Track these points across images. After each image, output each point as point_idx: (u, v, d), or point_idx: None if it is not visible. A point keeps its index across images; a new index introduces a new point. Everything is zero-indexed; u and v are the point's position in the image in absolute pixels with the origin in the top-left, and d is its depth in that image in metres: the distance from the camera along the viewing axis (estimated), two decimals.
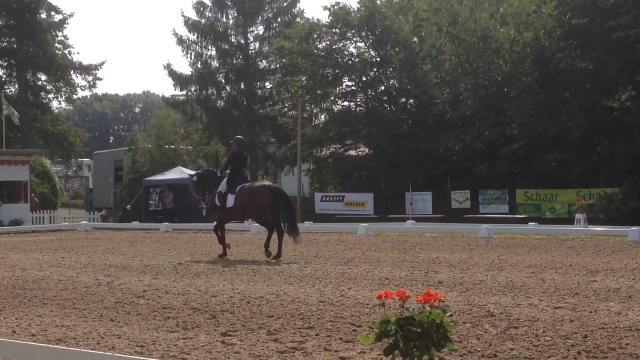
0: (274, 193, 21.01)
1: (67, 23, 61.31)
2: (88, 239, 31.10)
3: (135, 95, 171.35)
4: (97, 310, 12.34)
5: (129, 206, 46.06)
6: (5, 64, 62.13)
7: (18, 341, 9.25)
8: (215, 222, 22.44)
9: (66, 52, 61.71)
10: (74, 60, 61.63)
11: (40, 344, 8.87)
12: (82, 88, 63.46)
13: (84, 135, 65.69)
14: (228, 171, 21.90)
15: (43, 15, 59.72)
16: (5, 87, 60.79)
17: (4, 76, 63.40)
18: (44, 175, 50.06)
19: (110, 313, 12.09)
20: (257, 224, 28.09)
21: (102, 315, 11.94)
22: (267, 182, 23.82)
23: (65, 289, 14.99)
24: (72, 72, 61.37)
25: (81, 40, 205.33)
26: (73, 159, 69.37)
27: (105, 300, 13.35)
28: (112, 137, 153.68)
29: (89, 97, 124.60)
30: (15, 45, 59.65)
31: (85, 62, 62.11)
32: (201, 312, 12.05)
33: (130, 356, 8.03)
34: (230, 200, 21.16)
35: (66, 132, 61.48)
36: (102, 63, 61.96)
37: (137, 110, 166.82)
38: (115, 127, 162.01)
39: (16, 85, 61.18)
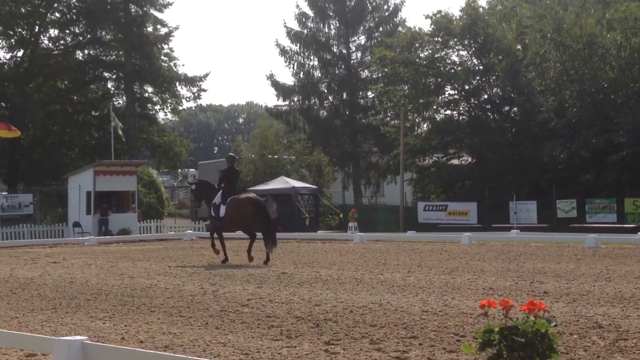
0: (255, 204, 23.36)
1: (173, 36, 62.57)
2: (193, 248, 31.56)
3: (238, 105, 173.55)
4: (203, 318, 12.52)
5: None
6: (114, 76, 63.65)
7: (127, 347, 9.45)
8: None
9: (172, 64, 62.90)
10: (179, 72, 62.76)
11: (149, 351, 9.04)
12: (187, 99, 64.60)
13: (189, 146, 66.76)
14: (223, 185, 23.99)
15: (149, 29, 60.98)
16: (114, 99, 62.29)
17: (113, 89, 64.97)
18: (151, 186, 51.04)
19: (215, 321, 12.25)
20: (360, 233, 28.83)
21: (207, 323, 12.11)
22: (251, 195, 25.41)
23: (172, 297, 15.26)
24: (177, 83, 62.44)
25: (186, 53, 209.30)
26: (179, 169, 70.58)
27: (210, 309, 13.53)
28: (216, 148, 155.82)
29: (193, 108, 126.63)
30: (123, 59, 61.04)
31: (190, 74, 63.22)
32: (305, 320, 12.11)
33: None
34: (222, 211, 23.40)
35: (172, 143, 62.59)
36: (207, 75, 62.94)
37: (240, 120, 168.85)
38: (220, 138, 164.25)
39: (124, 98, 62.60)
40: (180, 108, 66.99)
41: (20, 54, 61.86)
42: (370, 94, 62.30)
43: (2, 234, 41.47)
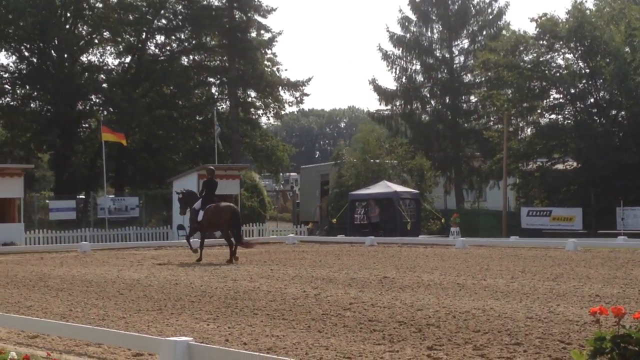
0: (233, 212, 27.07)
1: (276, 41, 63.06)
2: (295, 251, 31.76)
3: (340, 110, 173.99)
4: (305, 322, 12.58)
5: (335, 220, 46.69)
6: (218, 81, 64.53)
7: (231, 349, 9.56)
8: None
9: (275, 69, 63.36)
10: (282, 77, 63.17)
11: (253, 352, 9.12)
12: (290, 104, 65.01)
13: (291, 150, 67.19)
14: (204, 193, 27.76)
15: (253, 34, 61.57)
16: (218, 104, 63.13)
17: (217, 93, 65.87)
18: (253, 189, 51.52)
19: (317, 324, 12.29)
20: (462, 238, 28.81)
21: (309, 326, 12.16)
22: (230, 204, 29.10)
23: (275, 300, 15.37)
24: (280, 88, 62.89)
25: (289, 58, 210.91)
26: (281, 173, 71.07)
27: (312, 312, 13.59)
28: (317, 152, 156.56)
29: (296, 112, 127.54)
30: (227, 64, 61.80)
31: (292, 79, 63.57)
32: (407, 325, 12.06)
33: None
34: (200, 216, 26.85)
35: (274, 147, 63.08)
36: (309, 79, 63.38)
37: (342, 125, 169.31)
38: (321, 142, 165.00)
39: (228, 102, 63.36)
40: (283, 112, 67.49)
41: (127, 60, 63.31)
42: (473, 98, 61.72)
43: (109, 236, 42.44)
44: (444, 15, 61.28)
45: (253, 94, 63.52)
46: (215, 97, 65.34)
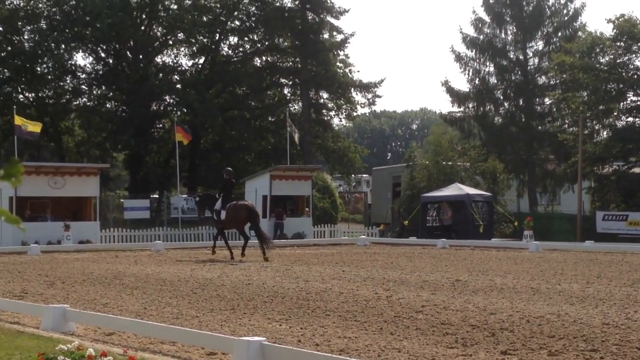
0: (249, 210, 29.04)
1: (348, 42, 63.02)
2: (367, 253, 31.74)
3: (412, 112, 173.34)
4: (377, 324, 12.55)
5: (407, 222, 46.51)
6: (290, 83, 64.78)
7: (304, 350, 9.58)
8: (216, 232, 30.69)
9: (347, 70, 63.38)
10: (354, 79, 63.15)
11: (325, 354, 9.13)
12: (362, 105, 64.97)
13: (363, 152, 67.15)
14: (222, 194, 29.57)
15: (326, 36, 61.65)
16: (290, 105, 63.38)
17: (289, 95, 66.14)
18: (325, 191, 51.59)
19: (389, 327, 12.26)
20: (536, 242, 28.58)
21: (382, 328, 12.13)
22: (247, 202, 31.18)
23: (346, 301, 15.37)
24: (352, 90, 62.86)
25: (361, 59, 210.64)
26: (352, 175, 71.08)
27: (384, 314, 13.56)
28: (389, 154, 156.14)
29: (367, 114, 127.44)
30: (299, 65, 62.01)
31: (365, 80, 63.52)
32: (480, 329, 11.97)
33: None
34: (223, 215, 28.66)
35: (346, 149, 63.08)
36: (382, 81, 63.10)
37: (414, 126, 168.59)
38: (393, 144, 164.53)
39: (300, 104, 63.58)
40: (355, 114, 67.45)
41: (201, 61, 63.96)
42: (547, 101, 60.89)
43: (182, 236, 42.88)
44: (518, 17, 60.60)
45: (325, 95, 63.62)
46: (288, 98, 65.62)
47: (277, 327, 12.37)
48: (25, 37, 58.83)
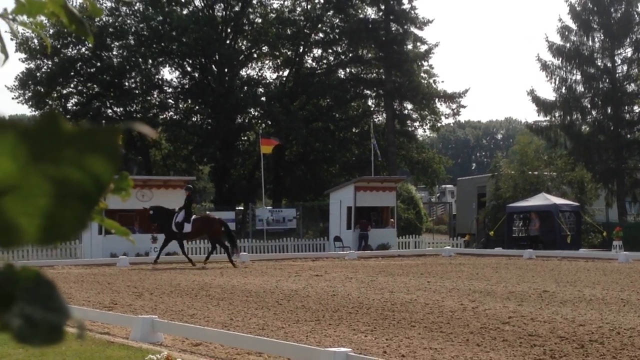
0: (222, 223, 31.53)
1: (433, 53, 62.84)
2: (452, 264, 31.51)
3: (497, 121, 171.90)
4: (463, 335, 12.46)
5: (492, 232, 46.07)
6: (374, 94, 64.83)
7: None
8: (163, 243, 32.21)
9: (431, 81, 63.18)
10: (438, 89, 62.92)
11: None
12: (446, 116, 64.67)
13: (447, 162, 66.78)
14: (184, 209, 31.51)
15: (409, 46, 61.56)
16: (374, 116, 63.40)
17: (373, 106, 66.19)
18: (410, 201, 51.46)
19: (476, 338, 12.16)
20: (625, 252, 27.90)
21: (468, 339, 12.03)
22: (217, 216, 33.25)
23: (432, 312, 15.29)
24: (436, 100, 62.65)
25: (445, 69, 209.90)
26: (437, 186, 70.70)
27: (470, 325, 13.44)
28: (474, 164, 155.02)
29: (452, 124, 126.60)
30: (383, 76, 62.03)
31: (449, 91, 63.23)
32: (568, 341, 11.78)
33: None
34: (188, 227, 30.77)
35: (430, 160, 62.83)
36: (466, 91, 62.76)
37: (499, 136, 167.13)
38: (478, 154, 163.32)
39: (384, 115, 63.56)
40: (439, 125, 67.13)
41: (285, 73, 64.46)
42: (636, 109, 59.74)
43: (267, 247, 43.15)
44: (605, 24, 59.59)
45: (409, 106, 63.47)
46: (372, 109, 65.66)
47: (363, 338, 12.37)
48: (114, 52, 60.05)
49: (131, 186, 1.47)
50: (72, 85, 60.97)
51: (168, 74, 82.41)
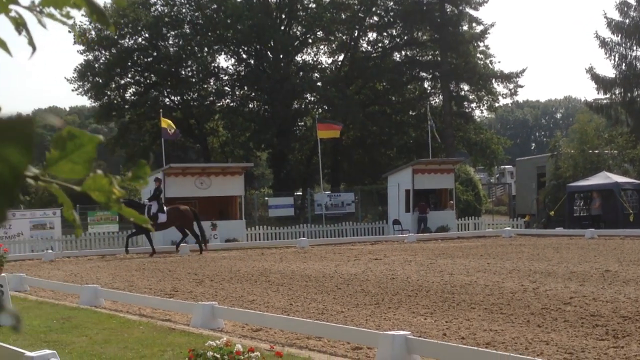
0: (194, 213, 32.46)
1: (488, 33, 62.24)
2: (512, 245, 31.26)
3: (556, 100, 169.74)
4: (524, 316, 12.36)
5: (553, 212, 45.57)
6: (430, 76, 64.46)
7: (449, 343, 9.52)
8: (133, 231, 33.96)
9: (487, 61, 62.65)
10: (495, 69, 62.37)
11: (471, 347, 9.05)
12: (504, 96, 64.05)
13: (505, 143, 66.18)
14: (155, 199, 32.32)
15: (465, 27, 61.08)
16: (430, 98, 63.06)
17: (429, 88, 65.83)
18: (468, 183, 51.11)
19: (536, 319, 12.06)
20: None
21: (529, 320, 11.94)
22: (187, 206, 33.41)
23: (492, 294, 15.19)
24: (493, 81, 62.13)
25: (502, 49, 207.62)
26: (495, 167, 70.13)
27: (531, 306, 13.33)
28: (533, 144, 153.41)
29: (510, 104, 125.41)
30: (439, 58, 61.65)
31: (506, 71, 62.62)
32: (632, 320, 11.63)
33: None
34: (163, 217, 31.46)
35: (488, 140, 62.35)
36: (523, 70, 62.09)
37: (558, 115, 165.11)
38: (537, 134, 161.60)
39: (440, 97, 63.21)
40: (497, 105, 66.55)
41: (340, 58, 64.36)
42: None
43: (326, 232, 43.21)
44: None
45: (466, 87, 63.04)
46: (428, 91, 65.33)
47: (422, 321, 12.34)
48: (170, 42, 60.48)
49: (148, 174, 1.48)
50: (129, 76, 61.55)
51: (224, 61, 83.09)
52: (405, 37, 62.61)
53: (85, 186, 1.46)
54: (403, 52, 64.36)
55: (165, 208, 32.10)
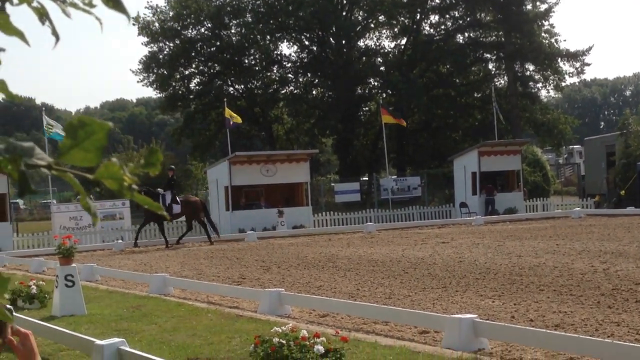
0: (203, 204, 32.41)
1: (553, 12, 61.38)
2: (582, 225, 30.81)
3: (625, 78, 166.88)
4: (594, 297, 12.19)
5: (624, 191, 44.84)
6: (494, 57, 63.84)
7: (516, 326, 9.43)
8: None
9: (552, 40, 61.83)
10: (560, 48, 61.56)
11: (539, 329, 8.95)
12: (570, 75, 63.19)
13: (573, 122, 65.29)
14: (169, 189, 31.43)
15: (529, 7, 60.34)
16: (495, 79, 62.47)
17: (494, 69, 65.20)
18: (536, 164, 50.55)
19: (607, 300, 11.88)
20: None
21: (599, 302, 11.77)
22: (196, 197, 34.36)
23: (561, 275, 15.00)
24: (559, 60, 61.31)
25: (567, 27, 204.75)
26: (563, 147, 69.26)
27: (601, 287, 13.14)
28: (602, 123, 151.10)
29: (577, 83, 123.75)
30: (503, 39, 61.02)
31: (572, 49, 61.79)
32: None
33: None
34: (177, 208, 30.92)
35: (555, 121, 61.58)
36: (590, 48, 61.08)
37: (627, 93, 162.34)
38: (605, 112, 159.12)
39: (505, 78, 62.60)
40: (563, 84, 65.67)
41: (403, 42, 64.02)
42: None
43: (392, 216, 43.08)
44: None
45: (531, 67, 62.31)
46: (493, 73, 64.70)
47: (490, 303, 12.24)
48: (232, 31, 60.81)
49: (160, 161, 1.47)
50: (193, 66, 62.08)
51: (286, 49, 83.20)
52: (468, 19, 62.05)
53: (98, 174, 1.46)
54: (466, 34, 63.82)
55: (179, 199, 31.87)
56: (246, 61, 60.73)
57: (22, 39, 1.48)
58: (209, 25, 59.84)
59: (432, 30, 64.31)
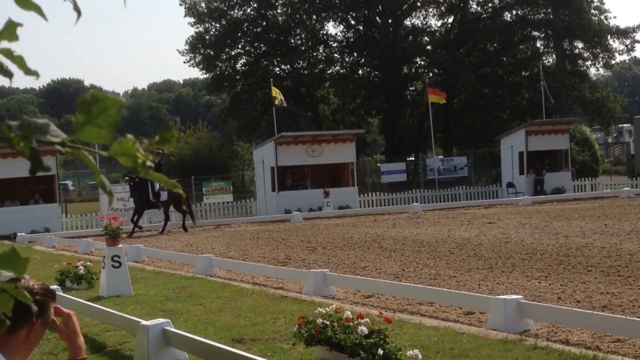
0: (184, 193, 28.13)
1: None
2: (631, 205, 30.42)
3: None
4: None
5: None
6: (542, 35, 63.17)
7: (562, 307, 9.33)
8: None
9: (602, 17, 61.05)
10: (610, 25, 60.78)
11: (585, 311, 8.86)
12: (620, 52, 62.55)
13: (623, 101, 64.50)
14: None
15: None
16: (543, 57, 61.82)
17: (542, 47, 64.52)
18: (584, 143, 50.03)
19: None
20: None
21: None
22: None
23: (609, 256, 14.83)
24: (609, 37, 60.55)
25: (617, 3, 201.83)
26: (612, 125, 68.47)
27: None
28: None
29: (627, 61, 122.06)
30: (551, 16, 60.33)
31: (622, 26, 61.05)
32: None
33: None
34: (164, 195, 30.04)
35: (605, 99, 60.87)
36: None
37: None
38: None
39: (553, 56, 61.95)
40: (613, 62, 64.85)
41: (450, 20, 63.60)
42: None
43: (439, 197, 42.90)
44: None
45: (580, 45, 61.60)
46: (541, 51, 64.03)
47: (536, 284, 12.13)
48: (278, 11, 60.77)
49: (175, 137, 1.44)
50: (239, 46, 62.18)
51: (332, 28, 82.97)
52: None
53: (112, 151, 1.44)
54: (514, 12, 63.22)
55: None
56: (292, 41, 60.71)
57: (39, 14, 1.46)
58: (255, 5, 59.87)
59: (479, 8, 63.78)
